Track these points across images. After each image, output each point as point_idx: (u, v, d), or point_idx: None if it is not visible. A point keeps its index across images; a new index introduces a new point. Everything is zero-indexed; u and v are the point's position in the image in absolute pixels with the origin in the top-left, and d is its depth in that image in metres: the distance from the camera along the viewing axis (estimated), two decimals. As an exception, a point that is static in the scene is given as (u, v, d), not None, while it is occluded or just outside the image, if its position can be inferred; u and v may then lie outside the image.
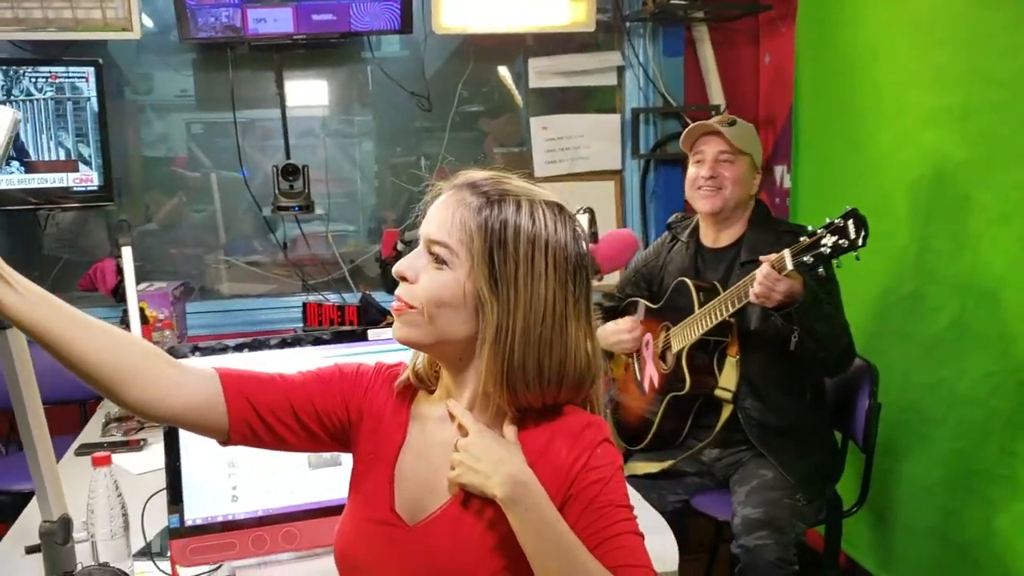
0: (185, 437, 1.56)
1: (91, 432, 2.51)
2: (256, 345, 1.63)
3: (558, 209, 1.10)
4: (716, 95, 3.57)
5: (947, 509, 2.41)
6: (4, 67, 2.96)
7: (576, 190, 3.54)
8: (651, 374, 2.47)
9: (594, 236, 1.89)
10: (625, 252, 2.01)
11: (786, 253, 2.01)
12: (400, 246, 3.13)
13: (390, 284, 3.23)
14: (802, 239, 2.00)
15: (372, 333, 1.70)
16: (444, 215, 1.09)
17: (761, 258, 2.06)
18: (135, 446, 2.37)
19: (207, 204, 3.59)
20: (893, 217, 2.58)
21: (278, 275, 3.62)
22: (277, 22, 3.08)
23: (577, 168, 3.60)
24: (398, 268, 1.11)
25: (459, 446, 1.07)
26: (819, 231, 1.97)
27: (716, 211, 2.37)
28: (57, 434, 1.55)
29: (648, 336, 2.51)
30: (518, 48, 3.62)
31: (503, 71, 3.66)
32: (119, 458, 2.24)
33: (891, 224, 2.56)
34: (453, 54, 3.60)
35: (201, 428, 1.14)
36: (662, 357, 2.44)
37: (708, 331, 2.25)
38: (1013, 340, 2.22)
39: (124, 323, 2.72)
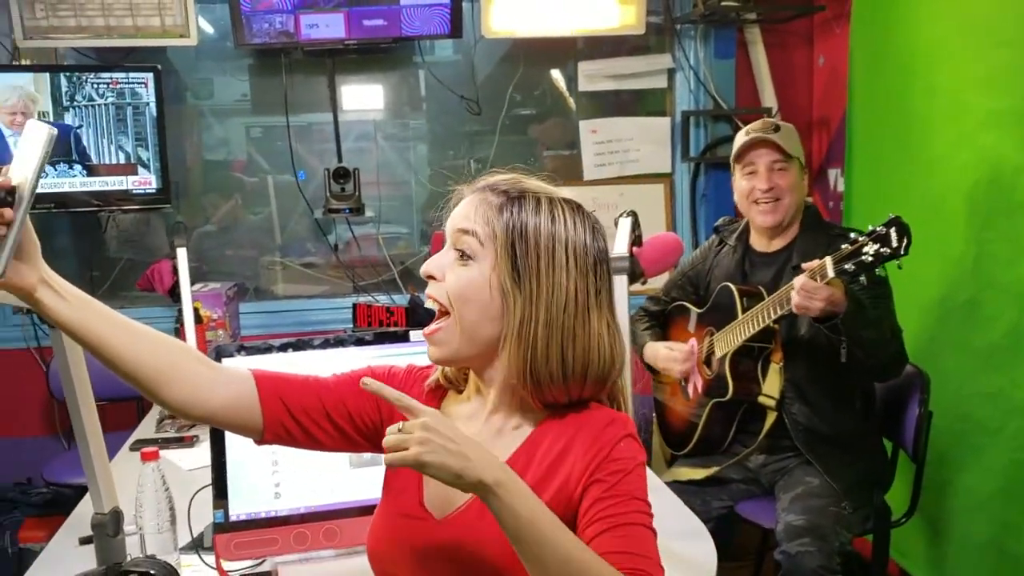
0: (231, 434, 1.59)
1: (146, 428, 2.58)
2: (300, 345, 1.66)
3: (576, 207, 1.14)
4: (768, 98, 3.53)
5: (1003, 521, 2.35)
6: (68, 74, 3.05)
7: (625, 193, 3.53)
8: (696, 379, 2.46)
9: (638, 240, 1.88)
10: (669, 256, 2.00)
11: (828, 260, 1.97)
12: (448, 249, 3.16)
13: (438, 286, 3.25)
14: (844, 247, 1.96)
15: (414, 334, 1.72)
16: (468, 211, 1.13)
17: (803, 265, 2.03)
18: (187, 442, 2.42)
19: (263, 206, 3.66)
20: (949, 222, 2.52)
21: (330, 277, 3.67)
22: (329, 27, 3.13)
23: (626, 171, 3.59)
24: (425, 268, 1.14)
25: (420, 425, 0.96)
26: (861, 238, 1.93)
27: (777, 224, 2.34)
28: (113, 430, 1.61)
29: (693, 341, 2.49)
30: (568, 52, 3.62)
31: (555, 74, 3.67)
32: (171, 454, 2.31)
33: (946, 229, 2.51)
34: (503, 58, 3.62)
35: (237, 427, 1.18)
36: (707, 362, 2.42)
37: (751, 337, 2.22)
38: (1073, 348, 2.16)
39: (179, 322, 2.78)
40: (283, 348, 1.64)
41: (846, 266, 1.93)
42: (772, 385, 2.25)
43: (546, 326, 1.07)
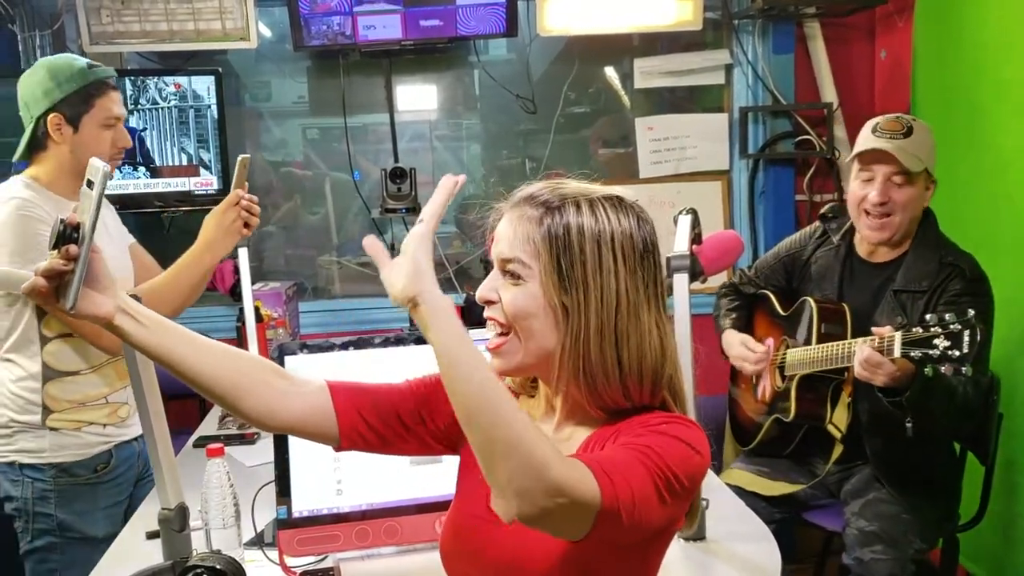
0: (293, 432, 1.61)
1: (208, 425, 2.62)
2: (361, 343, 1.68)
3: (618, 201, 1.12)
4: (828, 93, 3.47)
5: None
6: (132, 78, 3.12)
7: (682, 191, 3.50)
8: (766, 384, 2.41)
9: (697, 238, 1.86)
10: (729, 254, 1.98)
11: (897, 337, 1.84)
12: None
13: (495, 284, 3.26)
14: (915, 330, 1.82)
15: (473, 334, 1.72)
16: (508, 232, 1.12)
17: (873, 330, 1.91)
18: (249, 439, 2.46)
19: (320, 207, 3.70)
20: (1020, 220, 2.46)
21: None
22: (386, 28, 3.15)
23: (683, 169, 3.56)
24: (480, 294, 1.15)
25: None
26: (933, 327, 1.79)
27: (883, 242, 2.20)
28: (177, 427, 1.63)
29: (770, 342, 2.43)
30: (623, 49, 3.60)
31: (609, 71, 3.65)
32: (233, 450, 2.34)
33: (1018, 227, 2.44)
34: (558, 56, 3.61)
35: (314, 436, 1.22)
36: (780, 370, 2.37)
37: (822, 371, 2.16)
38: None
39: (240, 321, 2.82)
40: (344, 347, 1.66)
41: (913, 353, 1.81)
42: (840, 417, 2.19)
43: (598, 332, 1.07)
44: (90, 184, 1.03)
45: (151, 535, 1.76)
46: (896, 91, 3.32)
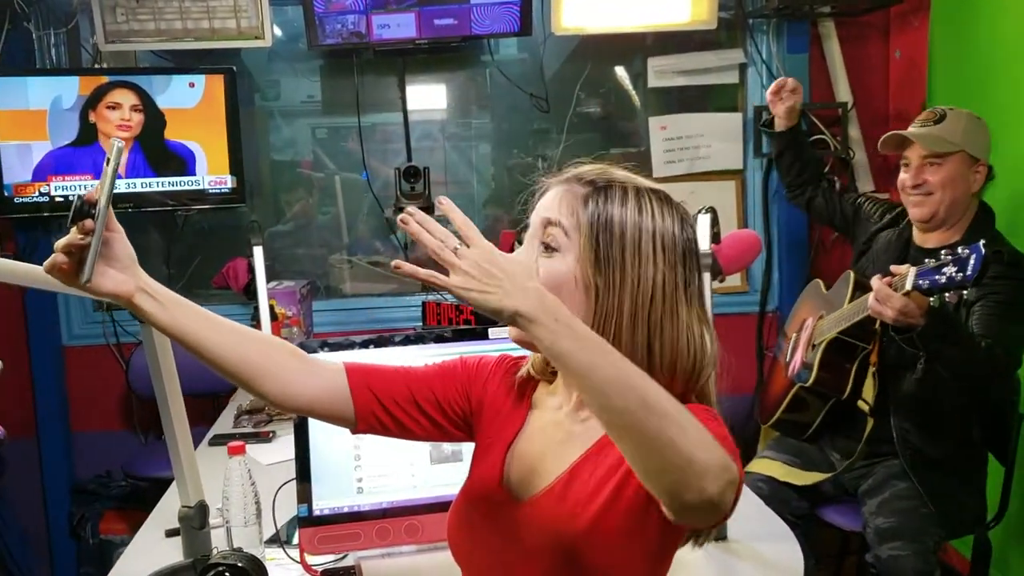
0: (314, 430, 1.61)
1: (223, 424, 2.62)
2: (381, 342, 1.67)
3: (664, 196, 1.12)
4: (843, 92, 3.46)
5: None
6: (147, 76, 3.12)
7: (696, 190, 3.48)
8: (799, 357, 2.42)
9: (716, 236, 1.85)
10: (747, 253, 1.97)
11: (912, 271, 1.87)
12: (517, 247, 3.15)
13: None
14: (928, 261, 1.86)
15: (493, 332, 1.72)
16: (553, 201, 1.12)
17: (892, 268, 1.95)
18: (264, 437, 2.46)
19: (332, 206, 3.70)
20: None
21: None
22: (400, 27, 3.15)
23: (697, 168, 3.55)
24: None
25: (460, 253, 0.93)
26: (945, 256, 1.83)
27: (927, 219, 2.27)
28: (191, 426, 1.63)
29: (809, 320, 2.45)
30: (637, 47, 3.59)
31: (620, 71, 3.64)
32: (249, 449, 2.32)
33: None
34: (571, 55, 3.60)
35: (331, 418, 1.21)
36: (812, 344, 2.37)
37: (848, 331, 2.17)
38: None
39: (255, 320, 2.83)
40: (364, 345, 1.65)
41: (922, 282, 1.84)
42: (868, 390, 2.19)
43: (631, 318, 1.06)
44: (108, 162, 1.04)
45: (170, 533, 1.76)
46: (911, 90, 3.31)
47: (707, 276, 1.69)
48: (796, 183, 2.79)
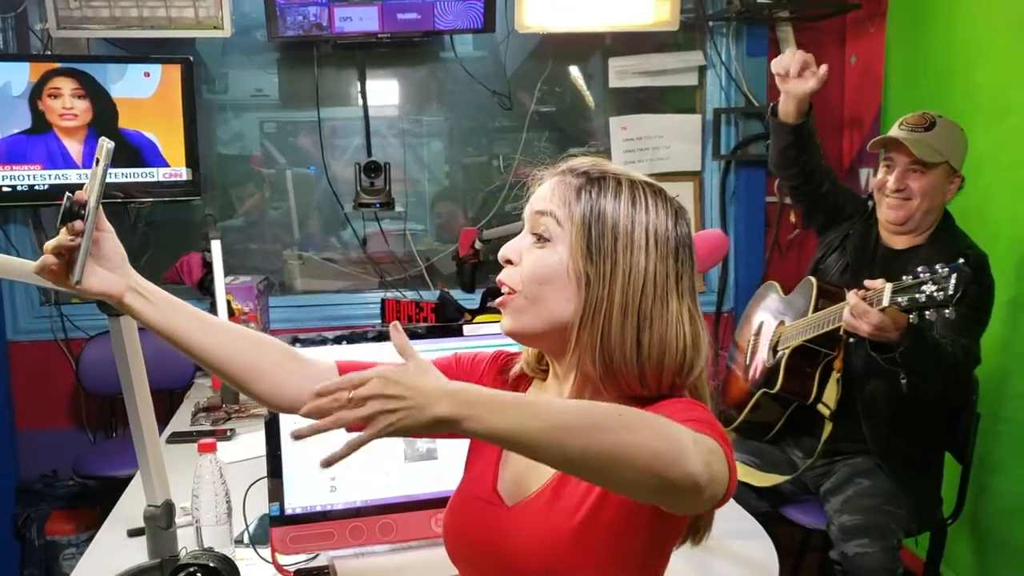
0: (285, 427, 1.57)
1: (180, 421, 2.56)
2: (354, 338, 1.65)
3: (657, 190, 1.11)
4: (800, 96, 3.50)
5: (1047, 524, 2.34)
6: (101, 64, 3.03)
7: (656, 191, 3.50)
8: (759, 362, 2.43)
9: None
10: (716, 252, 1.99)
11: (888, 288, 1.88)
12: (478, 244, 3.14)
13: (467, 282, 3.24)
14: (905, 279, 1.86)
15: (468, 329, 1.71)
16: (546, 192, 1.11)
17: (865, 282, 1.95)
18: (222, 436, 2.40)
19: (286, 201, 3.64)
20: (991, 222, 2.50)
21: (354, 272, 3.65)
22: (363, 20, 3.11)
23: (656, 169, 3.56)
24: (503, 252, 1.12)
25: (355, 395, 0.90)
26: (924, 275, 1.83)
27: (901, 222, 2.26)
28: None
29: (769, 324, 2.46)
30: (596, 47, 3.60)
31: (574, 71, 3.64)
32: (208, 447, 2.29)
33: (989, 229, 2.49)
34: (531, 54, 3.59)
35: None
36: (774, 349, 2.39)
37: (814, 340, 2.18)
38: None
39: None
40: (337, 341, 1.63)
41: (900, 299, 1.84)
42: (831, 394, 2.21)
43: (621, 309, 1.05)
44: (98, 162, 1.04)
45: (133, 533, 1.71)
46: (866, 95, 3.37)
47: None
48: (802, 174, 2.46)
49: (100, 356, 3.18)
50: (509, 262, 1.12)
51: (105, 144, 1.04)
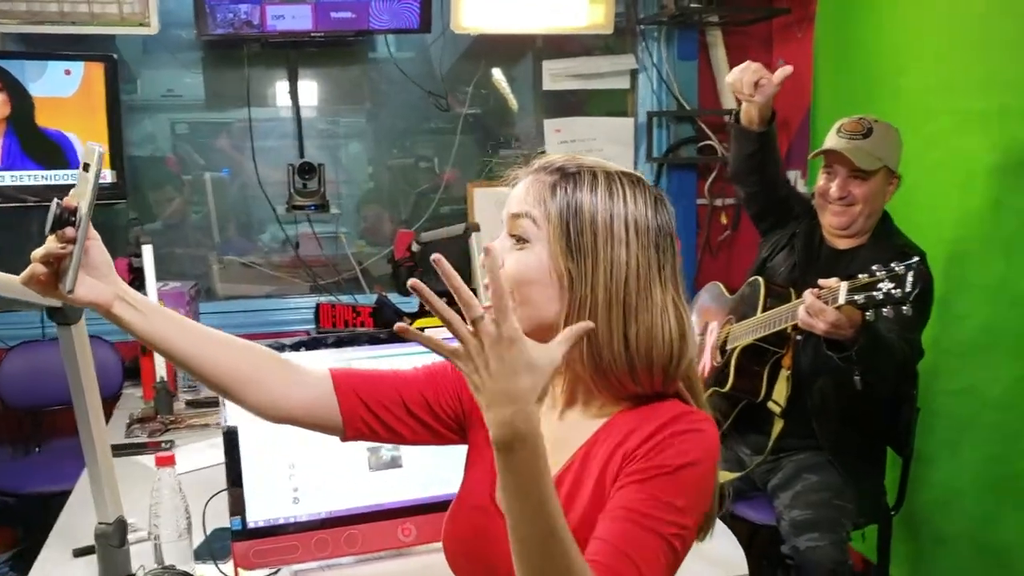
0: (244, 437, 1.52)
1: (114, 434, 2.45)
2: (313, 344, 1.60)
3: (636, 179, 1.10)
4: (729, 99, 3.56)
5: (979, 515, 2.42)
6: (18, 60, 2.89)
7: (591, 193, 3.52)
8: (706, 361, 2.46)
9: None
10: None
11: (843, 286, 1.90)
12: (415, 247, 3.10)
13: (402, 285, 3.20)
14: (860, 276, 1.89)
15: (430, 332, 1.67)
16: (521, 192, 1.09)
17: (820, 281, 1.97)
18: (154, 448, 2.31)
19: (205, 205, 3.54)
20: (918, 223, 2.57)
21: (285, 276, 3.57)
22: (296, 19, 3.04)
23: (590, 171, 3.58)
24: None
25: (479, 330, 0.84)
26: (879, 273, 1.85)
27: (845, 227, 2.30)
28: (75, 436, 1.50)
29: (714, 324, 2.48)
30: (527, 49, 3.61)
31: (496, 73, 3.63)
32: (147, 459, 2.20)
33: (914, 229, 2.56)
34: (463, 56, 3.58)
35: (318, 426, 1.17)
36: (721, 349, 2.41)
37: (762, 339, 2.22)
38: (1047, 345, 2.23)
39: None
40: (295, 347, 1.58)
41: (856, 297, 1.87)
42: (780, 392, 2.25)
43: (606, 304, 1.03)
44: (86, 167, 1.00)
45: (80, 552, 1.62)
46: (794, 99, 3.44)
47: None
48: (762, 181, 2.45)
49: (21, 368, 3.03)
50: None
51: (96, 149, 1.01)
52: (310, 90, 3.52)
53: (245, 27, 3.02)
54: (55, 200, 0.97)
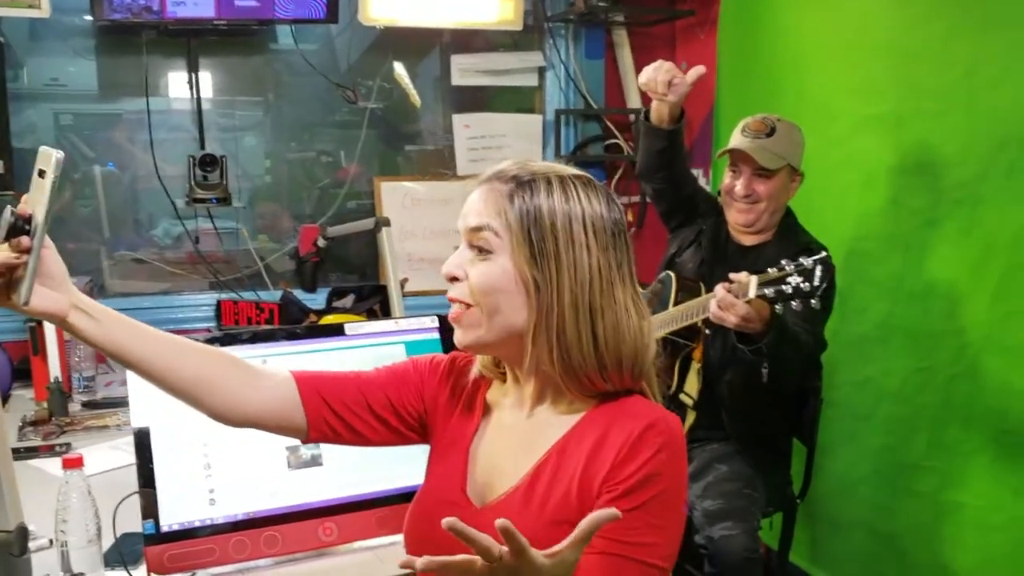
0: (156, 437, 1.46)
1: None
2: (227, 340, 1.56)
3: (587, 180, 1.12)
4: (634, 99, 3.62)
5: (875, 503, 2.52)
6: None
7: (500, 189, 3.52)
8: None
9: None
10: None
11: (753, 280, 1.94)
12: (321, 242, 3.04)
13: (308, 281, 3.13)
14: (770, 271, 1.93)
15: (349, 327, 1.64)
16: (478, 204, 1.10)
17: (731, 276, 2.01)
18: (48, 451, 2.20)
19: (105, 197, 3.39)
20: (820, 221, 2.66)
21: (183, 272, 3.45)
22: (198, 5, 2.94)
23: (499, 167, 3.58)
24: (446, 270, 1.11)
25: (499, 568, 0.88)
26: (788, 267, 1.90)
27: (750, 225, 2.35)
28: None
29: None
30: (434, 44, 3.59)
31: (398, 68, 3.59)
32: (42, 463, 2.10)
33: (819, 227, 2.64)
34: (369, 49, 3.52)
35: (281, 429, 1.18)
36: None
37: (674, 332, 2.25)
38: (940, 339, 2.33)
39: (35, 320, 2.53)
40: (210, 343, 1.52)
41: (767, 291, 1.91)
42: (692, 384, 2.29)
43: (572, 307, 1.06)
44: (41, 173, 0.96)
45: (-28, 563, 1.52)
46: (697, 99, 3.50)
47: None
48: (670, 179, 2.48)
49: None
50: (455, 279, 1.11)
51: (54, 155, 0.96)
52: (208, 80, 3.40)
53: (144, 12, 2.89)
54: (8, 208, 0.93)
